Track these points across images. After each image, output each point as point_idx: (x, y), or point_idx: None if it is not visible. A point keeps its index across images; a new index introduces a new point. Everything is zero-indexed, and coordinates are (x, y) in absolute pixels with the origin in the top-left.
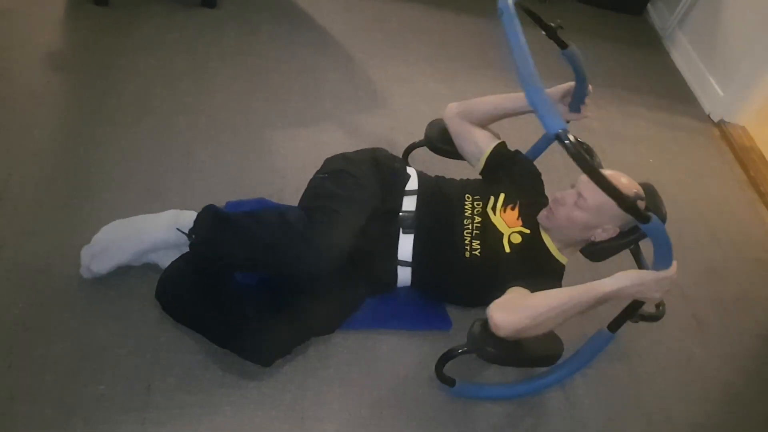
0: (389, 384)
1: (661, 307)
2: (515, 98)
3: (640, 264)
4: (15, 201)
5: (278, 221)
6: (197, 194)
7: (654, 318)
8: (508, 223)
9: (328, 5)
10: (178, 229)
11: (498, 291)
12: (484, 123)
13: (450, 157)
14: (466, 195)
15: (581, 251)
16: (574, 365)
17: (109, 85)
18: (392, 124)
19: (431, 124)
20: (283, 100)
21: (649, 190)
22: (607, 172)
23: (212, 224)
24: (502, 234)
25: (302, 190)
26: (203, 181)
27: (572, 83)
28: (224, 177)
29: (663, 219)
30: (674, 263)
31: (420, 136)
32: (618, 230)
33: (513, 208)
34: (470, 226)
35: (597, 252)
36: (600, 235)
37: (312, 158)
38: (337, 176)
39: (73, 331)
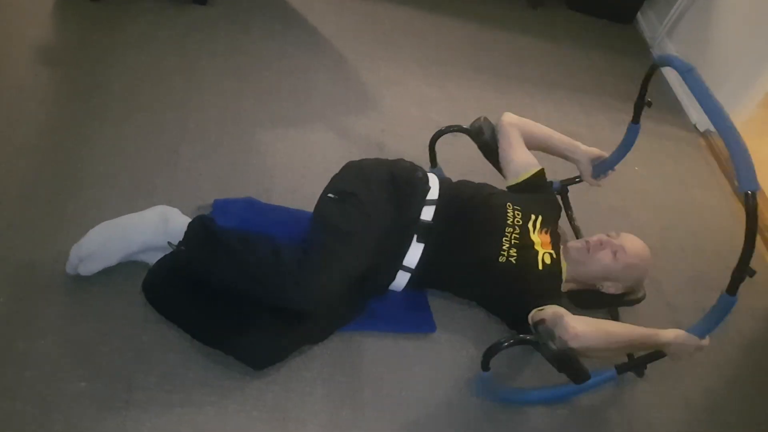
0: (372, 386)
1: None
2: (566, 141)
3: None
4: (0, 195)
5: (271, 257)
6: (185, 192)
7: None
8: (542, 243)
9: (321, 5)
10: (169, 243)
11: (520, 301)
12: (529, 146)
13: (486, 155)
14: (508, 203)
15: (569, 292)
16: (572, 389)
17: (98, 80)
18: (382, 126)
19: (481, 120)
20: (273, 99)
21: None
22: (629, 236)
23: (202, 242)
24: (537, 252)
25: (290, 191)
26: (191, 179)
27: (604, 153)
28: (212, 175)
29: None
30: (707, 338)
31: (410, 139)
32: (623, 290)
33: (547, 232)
34: (510, 234)
35: (585, 300)
36: (609, 287)
37: (300, 158)
38: (346, 202)
39: (56, 327)
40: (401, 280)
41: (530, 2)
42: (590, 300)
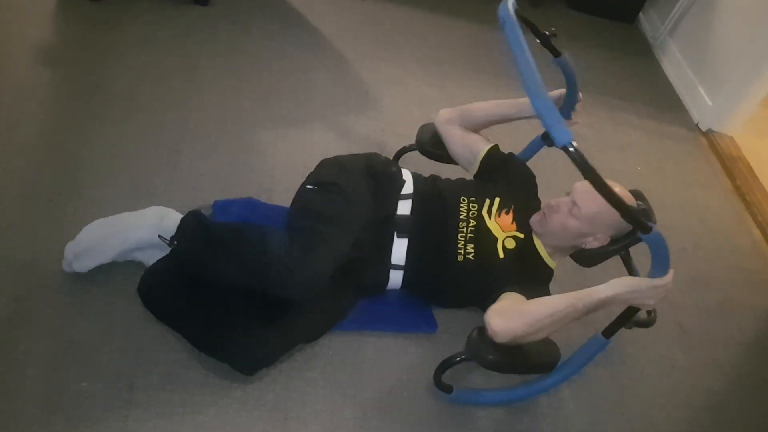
0: (374, 385)
1: (652, 314)
2: (510, 105)
3: (631, 269)
4: (0, 195)
5: (260, 244)
6: (185, 192)
7: (646, 324)
8: (502, 227)
9: (321, 6)
10: (160, 236)
11: (489, 296)
12: (477, 128)
13: (441, 161)
14: (462, 197)
15: (571, 256)
16: (568, 370)
17: (98, 81)
18: (382, 126)
19: (422, 128)
20: (273, 99)
21: (640, 198)
22: (579, 187)
23: (195, 234)
24: (497, 239)
25: (291, 191)
26: (191, 179)
27: (564, 90)
28: (212, 176)
29: (651, 228)
30: (671, 272)
31: (410, 139)
32: (609, 239)
33: (508, 213)
34: (465, 230)
35: (587, 258)
36: (591, 243)
37: (301, 158)
38: (326, 190)
39: (57, 328)
40: (395, 279)
41: (530, 2)
42: (591, 258)
